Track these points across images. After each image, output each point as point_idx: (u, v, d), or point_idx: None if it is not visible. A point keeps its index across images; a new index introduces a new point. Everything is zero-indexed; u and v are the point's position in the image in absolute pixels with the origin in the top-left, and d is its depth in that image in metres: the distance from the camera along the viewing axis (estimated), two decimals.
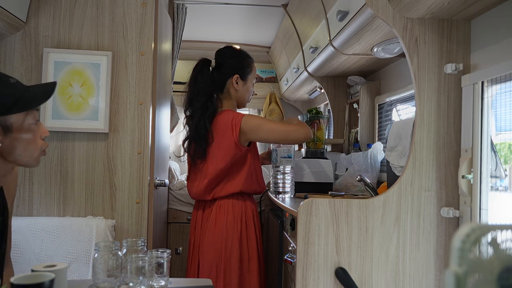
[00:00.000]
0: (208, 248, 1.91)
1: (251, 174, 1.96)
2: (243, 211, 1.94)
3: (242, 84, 2.03)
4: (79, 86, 1.99)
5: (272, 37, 3.59)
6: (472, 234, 0.51)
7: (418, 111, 1.45)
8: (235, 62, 2.01)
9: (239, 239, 1.90)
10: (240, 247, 1.90)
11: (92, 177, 2.01)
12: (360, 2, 1.66)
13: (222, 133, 1.90)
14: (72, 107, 1.98)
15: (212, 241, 1.91)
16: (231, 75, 2.00)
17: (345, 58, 2.38)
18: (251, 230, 1.94)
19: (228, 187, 1.93)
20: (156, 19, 2.05)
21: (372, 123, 2.63)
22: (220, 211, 1.93)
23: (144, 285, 1.17)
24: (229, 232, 1.90)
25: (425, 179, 1.45)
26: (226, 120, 1.91)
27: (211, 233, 1.92)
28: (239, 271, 1.88)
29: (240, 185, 1.93)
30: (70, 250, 1.85)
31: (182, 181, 3.08)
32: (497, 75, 1.30)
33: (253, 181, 1.97)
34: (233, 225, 1.91)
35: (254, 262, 1.92)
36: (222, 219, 1.91)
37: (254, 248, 1.94)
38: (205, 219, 1.97)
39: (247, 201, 1.97)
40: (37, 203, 1.98)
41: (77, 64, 1.99)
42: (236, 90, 2.02)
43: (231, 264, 1.88)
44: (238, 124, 1.86)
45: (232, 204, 1.93)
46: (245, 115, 1.91)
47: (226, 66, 2.00)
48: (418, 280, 1.44)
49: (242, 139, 1.89)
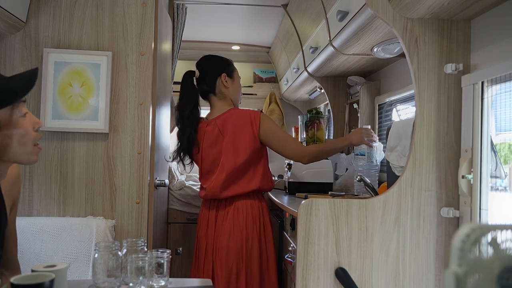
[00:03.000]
0: (227, 250, 1.89)
1: (266, 171, 1.99)
2: (260, 211, 1.95)
3: (231, 81, 2.07)
4: (79, 86, 1.99)
5: (272, 37, 3.59)
6: (472, 234, 0.51)
7: (418, 111, 1.45)
8: (217, 64, 2.08)
9: (258, 240, 1.91)
10: (260, 247, 1.91)
11: (92, 177, 2.01)
12: (360, 2, 1.66)
13: (240, 128, 1.92)
14: (72, 107, 1.98)
15: (232, 244, 1.89)
16: (218, 75, 2.04)
17: (345, 58, 2.38)
18: (268, 230, 1.96)
19: (247, 184, 1.93)
20: (156, 19, 2.05)
21: (372, 123, 2.63)
22: (238, 212, 1.92)
23: (144, 285, 1.17)
24: (249, 234, 1.90)
25: (425, 179, 1.45)
26: (243, 115, 1.95)
27: (230, 235, 1.90)
28: (259, 270, 1.89)
29: (259, 181, 1.94)
30: (70, 250, 1.85)
31: (182, 181, 3.08)
32: (497, 75, 1.30)
33: (269, 178, 2.00)
34: (253, 226, 1.91)
35: (272, 261, 1.94)
36: (241, 221, 1.91)
37: (272, 247, 1.96)
38: (219, 220, 1.95)
39: (262, 202, 1.99)
40: (37, 203, 1.98)
41: (77, 64, 1.99)
42: (227, 88, 2.05)
43: (252, 265, 1.89)
44: (257, 119, 1.92)
45: (250, 205, 1.93)
46: (262, 113, 1.97)
47: (210, 69, 2.05)
48: (418, 280, 1.44)
49: (260, 134, 1.93)
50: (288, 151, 1.95)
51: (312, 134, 2.48)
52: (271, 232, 1.98)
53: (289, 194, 2.41)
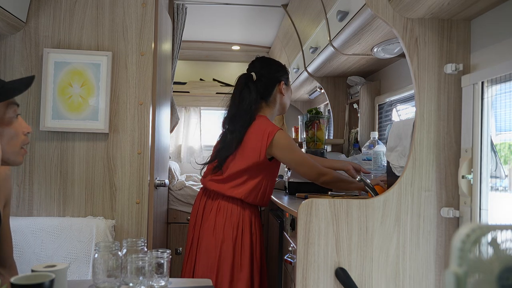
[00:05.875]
0: (205, 249, 1.91)
1: (258, 188, 1.93)
2: (240, 218, 1.92)
3: (287, 89, 2.05)
4: (79, 86, 1.99)
5: (272, 37, 3.59)
6: (472, 234, 0.51)
7: (418, 111, 1.45)
8: (277, 70, 2.03)
9: (233, 245, 1.89)
10: (233, 254, 1.89)
11: (92, 177, 2.01)
12: (360, 2, 1.66)
13: (253, 137, 1.89)
14: (72, 107, 1.98)
15: (209, 243, 1.90)
16: (277, 82, 2.00)
17: (345, 58, 2.38)
18: (246, 238, 1.92)
19: (231, 189, 1.91)
20: (156, 19, 2.05)
21: (372, 123, 2.63)
22: (219, 213, 1.92)
23: (144, 285, 1.17)
24: (225, 236, 1.89)
25: (425, 179, 1.45)
26: (263, 127, 1.90)
27: (209, 234, 1.91)
28: (230, 278, 1.87)
29: (245, 193, 1.91)
30: (70, 250, 1.85)
31: (182, 181, 3.08)
32: (497, 75, 1.30)
33: (257, 195, 1.95)
34: (229, 230, 1.90)
35: (246, 271, 1.89)
36: (220, 222, 1.91)
37: (247, 257, 1.91)
38: (205, 218, 1.96)
39: (246, 209, 1.95)
40: (37, 203, 1.98)
41: (77, 64, 1.99)
42: (283, 96, 2.03)
43: (224, 270, 1.87)
44: (272, 135, 1.87)
45: (231, 209, 1.92)
46: (281, 130, 1.91)
47: (270, 76, 2.00)
48: (418, 280, 1.44)
49: (268, 151, 1.88)
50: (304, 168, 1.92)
51: (312, 134, 2.48)
52: (252, 241, 1.94)
53: (289, 194, 2.41)
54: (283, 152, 1.89)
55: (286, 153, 1.90)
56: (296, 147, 1.97)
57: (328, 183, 1.95)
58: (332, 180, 1.95)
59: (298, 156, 1.92)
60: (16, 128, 1.21)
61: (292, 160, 1.92)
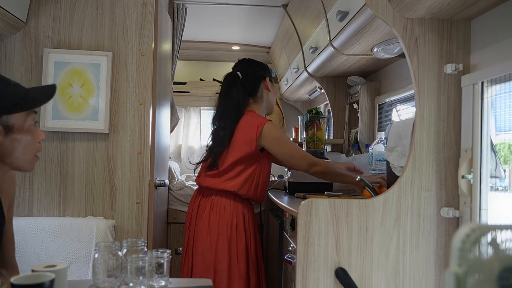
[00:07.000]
0: (201, 249, 1.91)
1: (251, 179, 1.95)
2: (233, 214, 1.93)
3: (271, 85, 2.10)
4: (79, 86, 1.99)
5: (272, 37, 3.59)
6: (472, 234, 0.51)
7: (418, 111, 1.45)
8: (261, 68, 2.09)
9: (228, 243, 1.90)
10: (229, 252, 1.89)
11: (92, 177, 2.01)
12: (360, 2, 1.66)
13: (243, 130, 1.93)
14: (72, 107, 1.98)
15: (204, 243, 1.91)
16: (262, 78, 2.06)
17: (345, 58, 2.38)
18: (241, 235, 1.93)
19: (224, 182, 1.93)
20: (156, 19, 2.05)
21: (372, 123, 2.63)
22: (212, 211, 1.93)
23: (144, 285, 1.17)
24: (220, 235, 1.90)
25: (425, 179, 1.45)
26: (254, 120, 1.94)
27: (204, 234, 1.92)
28: (227, 275, 1.88)
29: (238, 185, 1.92)
30: (70, 250, 1.85)
31: (182, 181, 3.08)
32: (497, 75, 1.30)
33: (251, 188, 1.96)
34: (223, 228, 1.91)
35: (243, 268, 1.90)
36: (214, 220, 1.92)
37: (243, 254, 1.92)
38: (199, 217, 1.97)
39: (238, 204, 1.96)
40: (37, 203, 1.98)
41: (77, 64, 1.99)
42: (269, 92, 2.08)
43: (221, 268, 1.88)
44: (261, 126, 1.91)
45: (224, 205, 1.93)
46: (270, 121, 1.96)
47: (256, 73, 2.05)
48: (418, 280, 1.44)
49: (258, 142, 1.92)
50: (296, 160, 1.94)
51: (312, 134, 2.48)
52: (247, 238, 1.95)
53: (289, 194, 2.41)
54: (272, 143, 1.92)
55: (275, 143, 1.92)
56: (286, 137, 1.99)
57: (319, 173, 1.94)
58: (324, 171, 1.93)
59: (287, 146, 1.94)
60: (34, 135, 1.22)
61: (282, 151, 1.94)
